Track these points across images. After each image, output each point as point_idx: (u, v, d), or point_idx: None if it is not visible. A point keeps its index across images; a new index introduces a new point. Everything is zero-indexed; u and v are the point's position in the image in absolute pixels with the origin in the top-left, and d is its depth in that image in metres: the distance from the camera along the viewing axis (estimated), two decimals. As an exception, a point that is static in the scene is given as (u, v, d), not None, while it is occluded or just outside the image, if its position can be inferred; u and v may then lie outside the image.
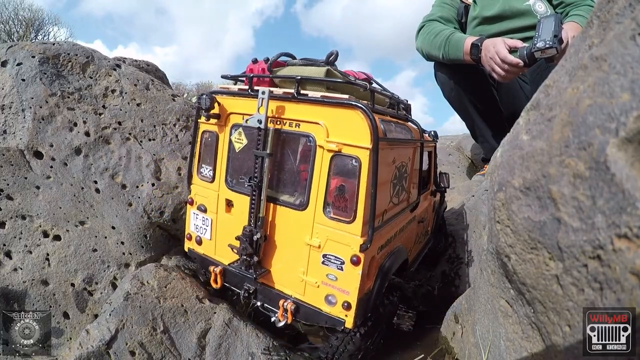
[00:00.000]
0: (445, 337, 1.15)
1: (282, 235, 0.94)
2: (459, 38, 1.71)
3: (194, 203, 1.09)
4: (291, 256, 0.93)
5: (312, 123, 0.85)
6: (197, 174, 1.08)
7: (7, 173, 1.17)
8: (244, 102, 0.96)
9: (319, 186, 0.86)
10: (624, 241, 0.42)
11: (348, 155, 0.81)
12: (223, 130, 1.01)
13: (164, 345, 0.94)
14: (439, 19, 1.92)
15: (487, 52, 1.55)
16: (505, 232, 0.68)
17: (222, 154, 1.01)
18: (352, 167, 0.81)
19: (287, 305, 0.93)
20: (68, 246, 1.17)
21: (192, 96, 8.63)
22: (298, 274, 0.92)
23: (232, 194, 1.00)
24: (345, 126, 0.81)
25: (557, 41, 1.31)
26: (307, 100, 0.85)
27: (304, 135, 0.87)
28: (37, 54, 1.31)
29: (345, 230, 0.84)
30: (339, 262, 0.85)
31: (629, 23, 0.47)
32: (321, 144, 0.84)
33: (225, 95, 0.99)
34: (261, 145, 0.90)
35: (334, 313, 0.88)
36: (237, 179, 1.00)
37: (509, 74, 1.50)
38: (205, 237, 1.08)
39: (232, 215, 1.01)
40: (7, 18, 11.62)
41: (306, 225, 0.88)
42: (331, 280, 0.87)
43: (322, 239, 0.87)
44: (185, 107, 1.50)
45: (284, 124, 0.90)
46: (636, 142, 0.42)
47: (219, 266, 1.04)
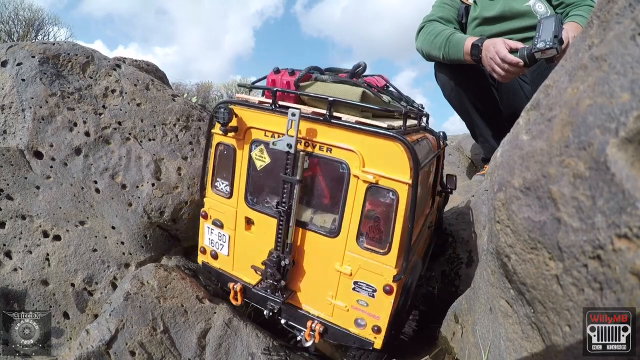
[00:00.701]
0: (445, 337, 1.15)
1: (310, 260, 0.92)
2: (459, 38, 1.71)
3: (208, 217, 1.04)
4: (319, 280, 0.91)
5: (345, 150, 0.80)
6: (212, 187, 1.02)
7: (7, 173, 1.17)
8: (266, 116, 0.88)
9: (352, 215, 0.83)
10: (624, 241, 0.42)
11: (385, 187, 0.78)
12: (241, 145, 0.93)
13: (164, 345, 0.94)
14: (439, 20, 1.91)
15: (488, 52, 1.55)
16: (505, 232, 0.68)
17: (241, 169, 0.95)
18: (389, 200, 0.78)
19: (314, 326, 0.92)
20: (68, 246, 1.17)
21: (192, 96, 8.61)
22: (326, 297, 0.91)
23: (253, 213, 0.96)
24: (384, 157, 0.77)
25: (557, 42, 1.31)
26: (340, 125, 0.80)
27: (337, 162, 0.82)
28: (37, 54, 1.31)
29: (379, 261, 0.83)
30: (371, 290, 0.85)
31: (629, 23, 0.47)
32: (356, 173, 0.80)
33: (244, 107, 0.91)
34: (290, 170, 0.84)
35: (362, 335, 0.89)
36: (259, 197, 0.95)
37: (509, 73, 1.50)
38: (221, 253, 1.04)
39: (253, 233, 0.97)
40: (7, 18, 11.62)
41: (337, 252, 0.87)
42: (361, 305, 0.87)
43: (353, 267, 0.86)
44: (185, 107, 1.50)
45: (313, 147, 0.84)
46: (636, 142, 0.42)
47: (239, 283, 1.01)
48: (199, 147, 1.45)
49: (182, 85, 12.90)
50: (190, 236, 1.42)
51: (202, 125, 1.51)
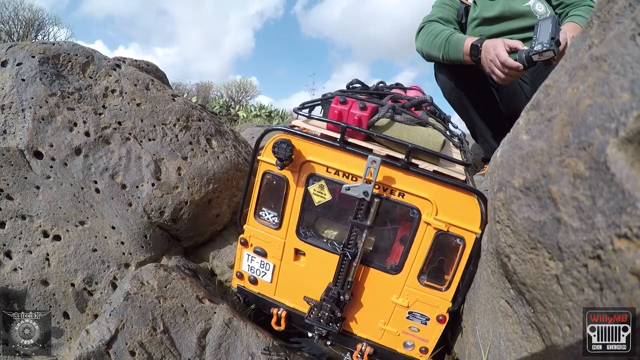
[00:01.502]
0: (445, 337, 1.15)
1: (368, 293, 0.93)
2: (458, 39, 1.71)
3: (249, 245, 0.99)
4: (373, 310, 0.94)
5: (419, 197, 0.80)
6: (255, 216, 0.96)
7: (7, 173, 1.17)
8: (330, 152, 0.82)
9: (417, 256, 0.85)
10: (624, 241, 0.42)
11: (454, 234, 0.81)
12: (296, 177, 0.87)
13: (164, 345, 0.94)
14: (439, 20, 1.91)
15: (487, 53, 1.55)
16: (505, 232, 0.68)
17: (294, 202, 0.89)
18: (456, 245, 0.82)
19: (364, 348, 0.96)
20: (68, 246, 1.17)
21: (192, 96, 8.57)
22: (378, 323, 0.95)
23: (305, 246, 0.93)
24: (458, 207, 0.78)
25: (554, 43, 1.31)
26: (417, 173, 0.78)
27: (408, 207, 0.81)
28: (37, 54, 1.31)
29: (437, 296, 0.88)
30: (425, 319, 0.90)
31: (629, 23, 0.47)
32: (428, 220, 0.80)
33: (302, 139, 0.83)
34: (362, 215, 0.82)
35: (410, 354, 0.95)
36: (313, 231, 0.93)
37: (508, 77, 1.51)
38: (263, 279, 1.02)
39: (302, 264, 0.96)
40: (7, 18, 11.61)
41: (396, 287, 0.90)
42: (413, 331, 0.93)
43: (411, 300, 0.90)
44: (185, 107, 1.50)
45: (384, 191, 0.81)
46: (636, 142, 0.42)
47: (282, 308, 1.02)
48: (199, 147, 1.45)
49: (182, 85, 12.91)
50: (190, 236, 1.42)
51: (202, 125, 1.51)
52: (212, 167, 1.42)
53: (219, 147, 1.51)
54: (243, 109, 8.88)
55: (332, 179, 0.84)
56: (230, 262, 1.41)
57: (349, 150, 0.81)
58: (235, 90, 15.82)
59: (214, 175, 1.41)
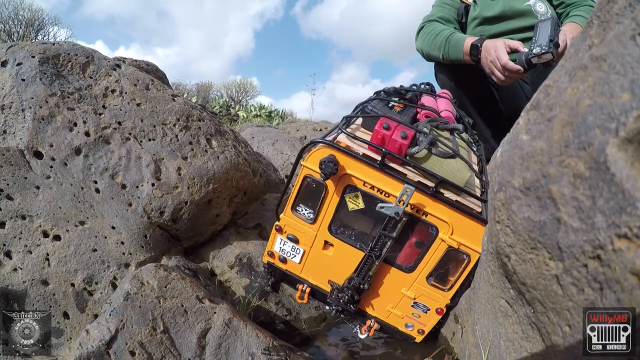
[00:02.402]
0: (445, 337, 1.15)
1: (381, 283, 1.10)
2: (458, 38, 1.70)
3: (283, 232, 1.12)
4: (384, 296, 1.12)
5: (439, 219, 0.93)
6: (292, 210, 1.07)
7: (7, 173, 1.17)
8: (369, 170, 0.93)
9: (428, 262, 1.01)
10: (624, 241, 0.42)
11: (462, 251, 0.96)
12: (334, 185, 0.97)
13: (164, 345, 0.94)
14: (439, 20, 1.91)
15: (488, 54, 1.54)
16: (505, 232, 0.68)
17: (329, 205, 1.01)
18: (462, 259, 0.98)
19: (373, 324, 1.16)
20: (68, 246, 1.17)
21: (192, 96, 8.56)
22: (387, 306, 1.13)
23: (334, 239, 1.07)
24: (469, 231, 0.93)
25: (552, 45, 1.32)
26: (442, 200, 0.91)
27: (429, 224, 0.96)
28: (37, 54, 1.31)
29: (440, 294, 1.05)
30: (426, 308, 1.08)
31: (629, 23, 0.47)
32: (443, 238, 0.95)
33: (345, 155, 0.93)
34: (390, 229, 0.97)
35: (408, 333, 1.15)
36: (344, 230, 1.06)
37: (508, 79, 1.51)
38: (292, 260, 1.16)
39: (330, 252, 1.10)
40: (7, 18, 11.61)
41: (407, 282, 1.06)
42: (415, 317, 1.12)
43: (417, 293, 1.07)
44: (185, 107, 1.50)
45: (412, 209, 0.94)
46: (636, 142, 0.42)
47: (306, 284, 1.18)
48: (199, 147, 1.45)
49: (182, 85, 12.91)
50: (190, 236, 1.42)
51: (202, 125, 1.51)
52: (212, 167, 1.42)
53: (219, 147, 1.51)
54: (243, 109, 8.88)
55: (367, 192, 0.96)
56: (230, 262, 1.42)
57: (386, 172, 0.92)
58: (235, 90, 15.82)
59: (214, 175, 1.41)
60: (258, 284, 1.36)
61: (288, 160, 2.35)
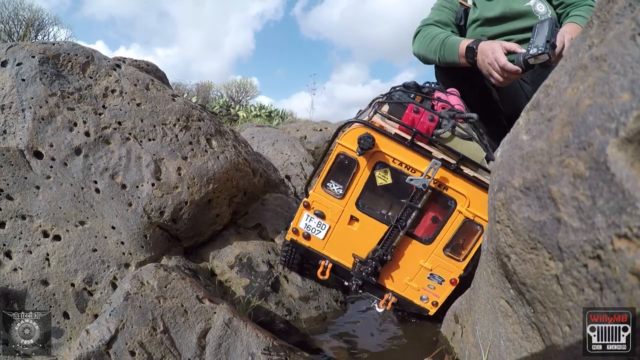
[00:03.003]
0: (445, 337, 1.15)
1: (402, 255, 1.18)
2: (454, 41, 1.71)
3: (311, 208, 1.19)
4: (403, 268, 1.20)
5: (459, 193, 1.06)
6: (322, 186, 1.16)
7: (7, 173, 1.17)
8: (399, 148, 1.05)
9: (446, 234, 1.12)
10: (624, 241, 0.42)
11: (476, 222, 1.08)
12: (366, 162, 1.08)
13: (164, 345, 0.94)
14: (435, 23, 1.92)
15: (485, 57, 1.55)
16: (505, 232, 0.68)
17: (359, 180, 1.11)
18: (476, 230, 1.09)
19: (390, 298, 1.23)
20: (68, 246, 1.17)
21: (192, 96, 8.55)
22: (404, 279, 1.21)
23: (360, 214, 1.15)
24: (483, 204, 1.03)
25: (549, 47, 1.34)
26: (462, 175, 1.04)
27: (448, 198, 1.08)
28: (37, 54, 1.31)
29: (454, 264, 1.15)
30: (441, 280, 1.18)
31: (629, 23, 0.47)
32: (460, 209, 1.07)
33: (379, 135, 1.05)
34: (417, 200, 1.08)
35: (423, 305, 1.23)
36: (370, 204, 1.15)
37: (507, 80, 1.52)
38: (317, 236, 1.23)
39: (354, 228, 1.18)
40: (7, 18, 11.61)
41: (425, 253, 1.16)
42: (430, 288, 1.20)
43: (434, 264, 1.16)
44: (185, 107, 1.50)
45: (436, 185, 1.07)
46: (636, 142, 0.42)
47: (328, 261, 1.24)
48: (199, 147, 1.45)
49: (182, 85, 12.90)
50: (190, 236, 1.42)
51: (202, 125, 1.51)
52: (212, 167, 1.42)
53: (219, 147, 1.51)
54: (243, 109, 8.88)
55: (396, 168, 1.07)
56: (230, 262, 1.42)
57: (414, 150, 1.04)
58: (235, 90, 15.82)
59: (214, 175, 1.41)
60: (258, 284, 1.36)
61: (288, 160, 2.35)
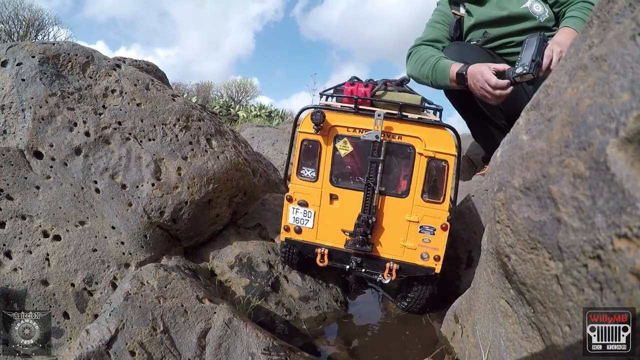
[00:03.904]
0: (445, 337, 1.15)
1: (386, 216, 1.22)
2: (444, 66, 1.75)
3: (294, 200, 1.26)
4: (393, 230, 1.23)
5: (412, 137, 1.15)
6: (297, 175, 1.24)
7: (7, 173, 1.17)
8: (348, 117, 1.18)
9: (417, 180, 1.17)
10: (624, 241, 0.42)
11: (440, 159, 1.14)
12: (326, 139, 1.20)
13: (164, 345, 0.94)
14: (426, 43, 1.95)
15: (476, 81, 1.59)
16: (505, 232, 0.68)
17: (326, 158, 1.21)
18: (442, 167, 1.15)
19: (392, 266, 1.24)
20: (68, 246, 1.17)
21: (192, 96, 8.52)
22: (398, 242, 1.23)
23: (337, 190, 1.23)
24: (438, 140, 1.13)
25: (534, 66, 1.42)
26: (408, 120, 1.14)
27: (406, 145, 1.16)
28: (37, 54, 1.31)
29: (437, 208, 1.18)
30: (432, 230, 1.20)
31: (629, 23, 0.47)
32: (420, 151, 1.15)
33: (329, 111, 1.18)
34: (376, 153, 1.15)
35: (426, 264, 1.22)
36: (342, 177, 1.23)
37: (500, 98, 1.57)
38: (306, 227, 1.28)
39: (336, 206, 1.25)
40: (7, 18, 11.60)
41: (407, 207, 1.20)
42: (425, 242, 1.21)
43: (419, 215, 1.19)
44: (185, 107, 1.50)
45: (389, 137, 1.16)
46: (636, 142, 0.42)
47: (323, 248, 1.27)
48: (199, 147, 1.45)
49: (182, 85, 12.89)
50: (190, 236, 1.42)
51: (202, 125, 1.51)
52: (212, 167, 1.42)
53: (219, 147, 1.51)
54: (243, 109, 8.88)
55: (352, 135, 1.18)
56: (230, 262, 1.42)
57: (360, 114, 1.16)
58: (235, 90, 15.81)
59: (214, 175, 1.41)
60: (258, 284, 1.36)
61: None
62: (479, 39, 1.88)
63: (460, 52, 1.84)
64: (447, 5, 2.01)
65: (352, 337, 1.28)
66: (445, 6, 2.02)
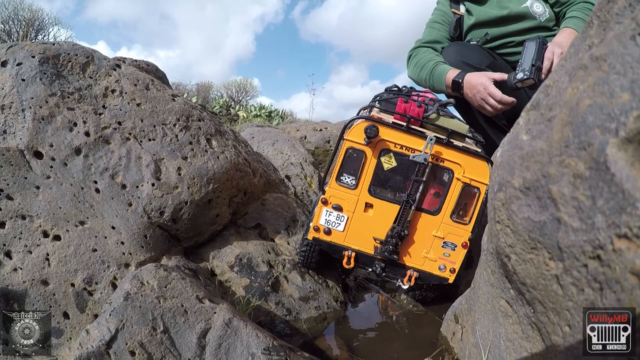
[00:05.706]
0: (445, 337, 1.15)
1: (416, 230, 1.30)
2: (441, 71, 1.75)
3: (328, 203, 1.30)
4: (419, 242, 1.31)
5: (454, 163, 1.23)
6: (337, 180, 1.29)
7: (7, 173, 1.17)
8: (398, 134, 1.22)
9: (450, 201, 1.26)
10: (624, 241, 0.42)
11: (474, 186, 1.23)
12: (371, 151, 1.24)
13: (164, 345, 0.94)
14: (426, 45, 1.95)
15: (476, 92, 1.58)
16: (505, 232, 0.68)
17: (369, 168, 1.26)
18: (474, 193, 1.24)
19: (412, 274, 1.32)
20: (68, 246, 1.17)
21: (192, 96, 8.51)
22: (422, 253, 1.31)
23: (373, 199, 1.28)
24: (476, 169, 1.22)
25: (534, 70, 1.43)
26: (453, 147, 1.21)
27: (446, 169, 1.24)
28: (37, 54, 1.31)
29: (462, 228, 1.28)
30: (454, 246, 1.29)
31: (629, 23, 0.47)
32: (458, 177, 1.23)
33: (379, 124, 1.22)
34: (421, 174, 1.22)
35: (442, 275, 1.32)
36: (380, 189, 1.29)
37: (500, 111, 1.56)
38: (336, 229, 1.33)
39: (369, 214, 1.30)
40: (7, 18, 11.59)
41: (436, 224, 1.29)
42: (445, 256, 1.31)
43: (445, 232, 1.29)
44: (185, 107, 1.50)
45: (434, 160, 1.23)
46: (636, 142, 0.42)
47: (351, 251, 1.33)
48: (199, 147, 1.45)
49: (182, 85, 12.87)
50: (190, 236, 1.42)
51: (202, 125, 1.51)
52: (212, 167, 1.42)
53: (219, 147, 1.51)
54: (243, 109, 8.88)
55: (398, 151, 1.24)
56: (230, 262, 1.42)
57: (411, 133, 1.22)
58: (235, 90, 15.79)
59: (214, 175, 1.41)
60: (258, 284, 1.36)
61: (288, 160, 2.34)
62: (479, 39, 1.88)
63: (460, 52, 1.84)
64: (447, 5, 2.01)
65: (352, 337, 1.28)
66: (445, 5, 2.01)
